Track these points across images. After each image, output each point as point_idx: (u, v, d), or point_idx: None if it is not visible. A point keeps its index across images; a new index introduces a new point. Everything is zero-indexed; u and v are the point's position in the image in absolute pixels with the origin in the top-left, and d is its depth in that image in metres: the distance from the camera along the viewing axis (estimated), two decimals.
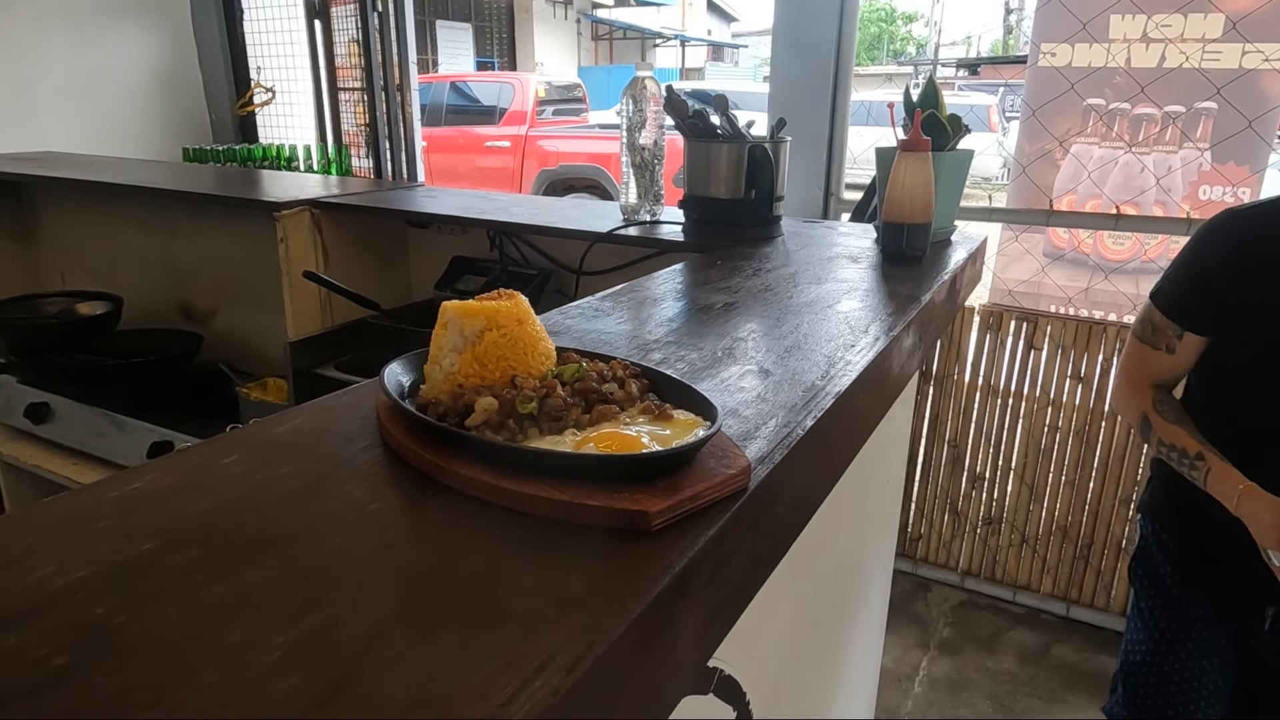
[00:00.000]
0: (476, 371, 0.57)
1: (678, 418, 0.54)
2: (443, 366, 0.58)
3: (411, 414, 0.52)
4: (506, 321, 0.58)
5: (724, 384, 0.66)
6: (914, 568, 3.01)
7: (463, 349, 0.57)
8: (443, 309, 0.59)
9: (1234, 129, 2.24)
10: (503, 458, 0.48)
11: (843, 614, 1.25)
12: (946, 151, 1.28)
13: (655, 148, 1.47)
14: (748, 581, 0.50)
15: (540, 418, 0.52)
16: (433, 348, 0.59)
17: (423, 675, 0.32)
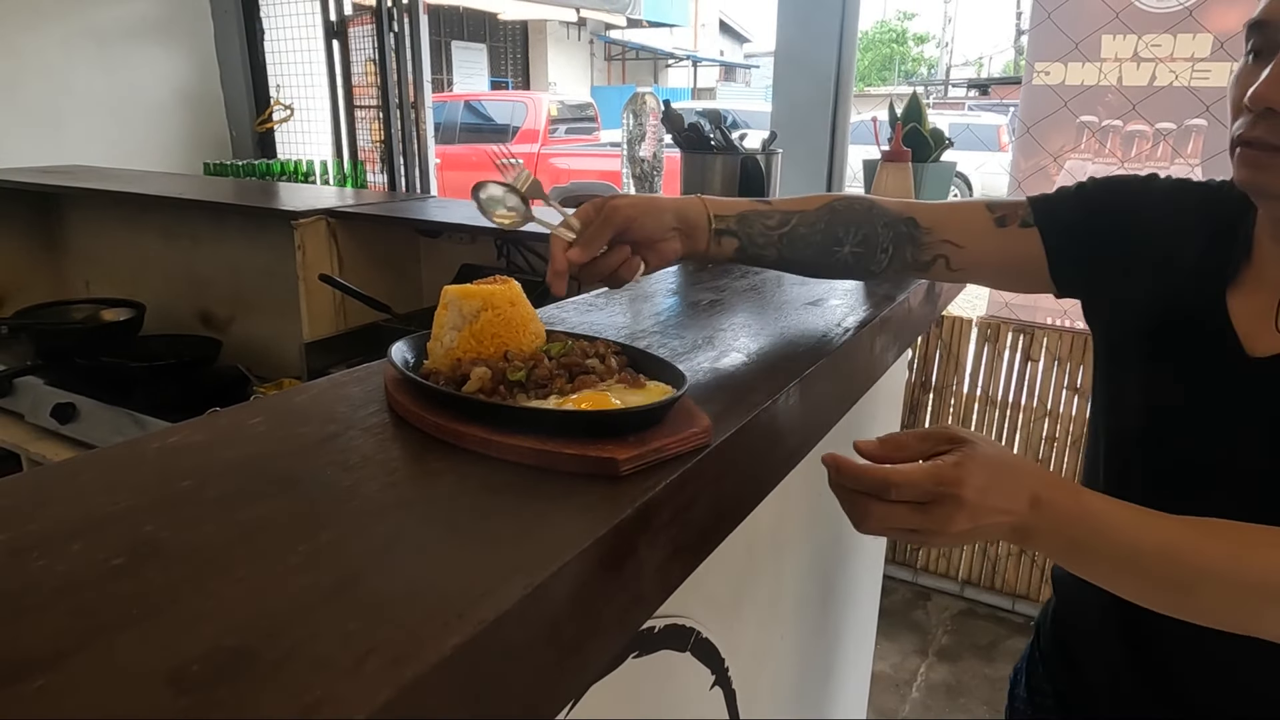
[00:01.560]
0: (473, 347, 0.63)
1: (650, 386, 0.60)
2: (443, 343, 0.64)
3: (415, 381, 0.59)
4: (500, 303, 0.65)
5: (699, 366, 0.72)
6: (914, 576, 3.05)
7: (461, 327, 0.64)
8: (444, 292, 0.66)
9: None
10: (492, 416, 0.54)
11: (826, 604, 1.31)
12: (929, 163, 1.35)
13: (654, 160, 1.54)
14: (709, 530, 0.56)
15: (528, 385, 0.59)
16: (435, 327, 0.66)
17: (419, 576, 0.39)
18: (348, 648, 0.33)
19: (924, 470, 0.56)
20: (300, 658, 0.32)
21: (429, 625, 0.34)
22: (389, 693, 0.30)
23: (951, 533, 0.56)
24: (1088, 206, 0.90)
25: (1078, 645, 0.98)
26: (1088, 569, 0.63)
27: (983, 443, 0.58)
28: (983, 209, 0.93)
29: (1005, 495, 0.57)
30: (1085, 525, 0.59)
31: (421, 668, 0.32)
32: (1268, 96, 0.65)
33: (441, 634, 0.34)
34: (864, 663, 1.70)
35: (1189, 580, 0.60)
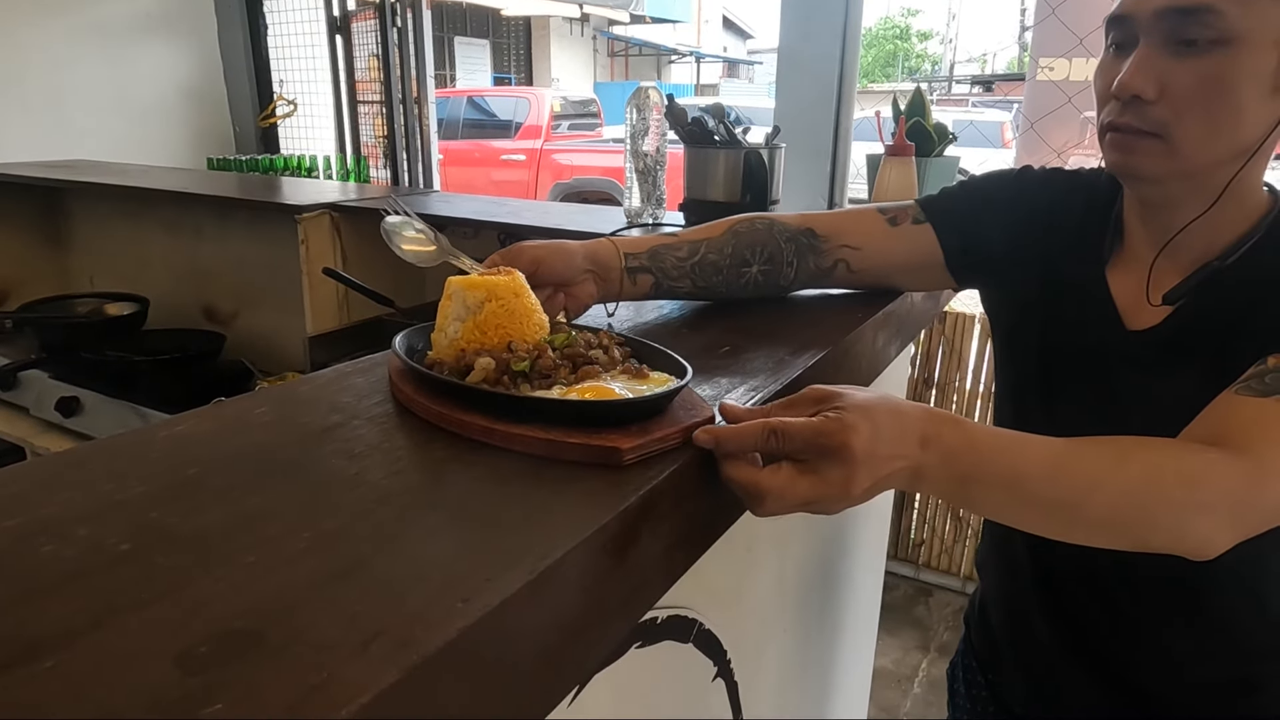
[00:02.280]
0: (477, 338, 0.63)
1: (654, 377, 0.60)
2: (447, 333, 0.65)
3: (419, 371, 0.59)
4: (504, 294, 0.65)
5: (699, 360, 0.73)
6: (916, 573, 3.06)
7: (465, 318, 0.64)
8: (448, 283, 0.66)
9: None
10: (496, 405, 0.55)
11: (828, 599, 1.31)
12: (932, 158, 1.35)
13: (657, 154, 1.55)
14: (711, 520, 0.56)
15: (532, 375, 0.59)
16: (439, 317, 0.66)
17: (424, 561, 0.39)
18: (353, 631, 0.33)
19: (806, 423, 0.53)
20: (306, 640, 0.33)
21: (435, 609, 0.35)
22: (394, 675, 0.31)
23: (853, 494, 0.53)
24: (973, 200, 0.95)
25: (1006, 630, 1.02)
26: (980, 502, 0.61)
27: (855, 392, 0.55)
28: (875, 213, 0.98)
29: (895, 440, 0.54)
30: (972, 456, 0.57)
31: (427, 651, 0.32)
32: (1132, 85, 0.71)
33: (447, 618, 0.34)
34: (865, 658, 1.70)
35: (1078, 495, 0.60)
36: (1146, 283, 0.80)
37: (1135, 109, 0.72)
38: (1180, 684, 0.89)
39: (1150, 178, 0.75)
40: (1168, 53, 0.70)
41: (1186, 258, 0.79)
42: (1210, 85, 0.69)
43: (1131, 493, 0.60)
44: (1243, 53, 0.68)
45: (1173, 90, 0.70)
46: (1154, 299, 0.80)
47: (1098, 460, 0.61)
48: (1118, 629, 0.90)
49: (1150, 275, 0.80)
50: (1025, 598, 0.97)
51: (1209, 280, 0.77)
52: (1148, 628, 0.88)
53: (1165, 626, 0.87)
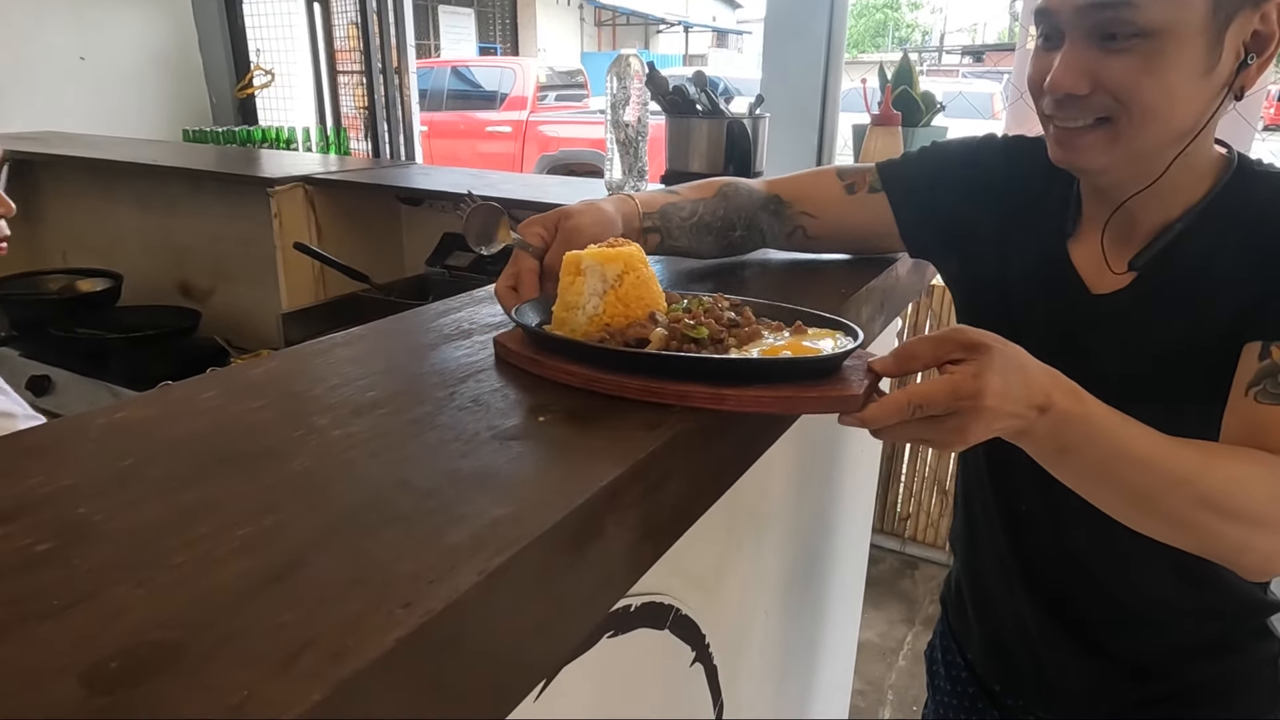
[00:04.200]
0: (621, 311, 0.62)
1: (811, 333, 0.63)
2: (586, 310, 0.63)
3: (613, 351, 0.58)
4: (638, 264, 0.64)
5: None
6: (902, 546, 3.06)
7: (604, 292, 0.63)
8: (574, 259, 0.64)
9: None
10: (716, 372, 0.55)
11: (812, 576, 1.30)
12: (919, 127, 1.31)
13: (639, 125, 1.50)
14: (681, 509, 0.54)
15: (707, 342, 0.59)
16: (569, 294, 0.64)
17: (365, 561, 0.37)
18: (281, 642, 0.31)
19: (943, 387, 0.54)
20: (229, 653, 0.30)
21: (371, 617, 0.32)
22: (322, 691, 0.28)
23: (967, 441, 0.56)
24: (931, 169, 0.95)
25: (983, 608, 1.03)
26: (1069, 469, 0.63)
27: (997, 347, 0.56)
28: (833, 177, 0.98)
29: (1018, 400, 0.56)
30: (1082, 429, 0.59)
31: (360, 663, 0.29)
32: (1063, 83, 0.71)
33: (384, 627, 0.31)
34: (850, 633, 1.70)
35: (1163, 489, 0.62)
36: (1102, 252, 0.82)
37: (1072, 104, 0.72)
38: (1161, 650, 0.90)
39: (1095, 169, 0.76)
40: (1095, 45, 0.70)
41: (1145, 226, 0.80)
42: (1138, 77, 0.69)
43: (1211, 500, 0.62)
44: (1168, 44, 0.67)
45: (1105, 82, 0.70)
46: (1116, 267, 0.81)
47: (1188, 461, 0.62)
48: (1098, 601, 0.91)
49: (1104, 246, 0.82)
50: (1004, 575, 0.97)
51: (1171, 243, 0.79)
52: (1130, 598, 0.89)
53: (1147, 596, 0.88)
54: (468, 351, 0.65)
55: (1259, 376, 0.70)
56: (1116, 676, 0.92)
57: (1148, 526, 0.66)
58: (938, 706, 1.13)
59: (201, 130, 3.33)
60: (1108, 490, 0.64)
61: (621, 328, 0.61)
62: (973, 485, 1.01)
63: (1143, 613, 0.90)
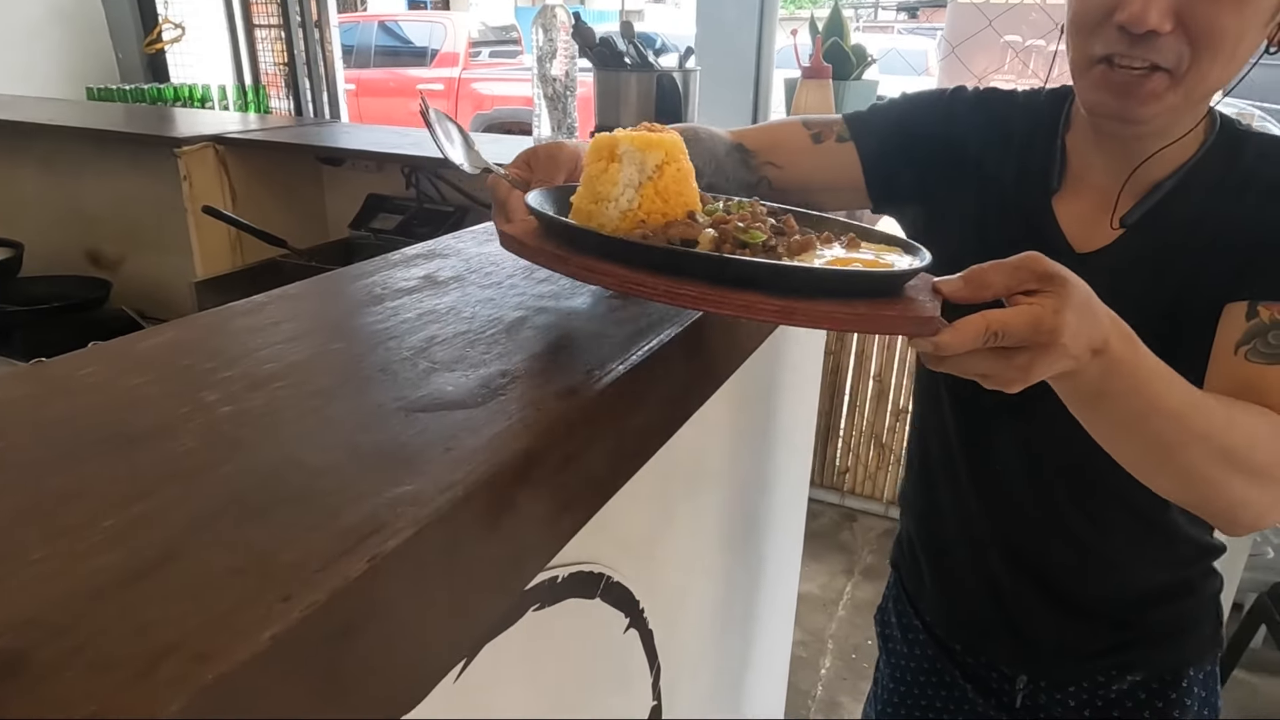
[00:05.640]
0: (659, 207, 0.55)
1: (866, 246, 0.57)
2: (619, 204, 0.55)
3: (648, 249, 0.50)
4: (680, 155, 0.56)
5: (601, 296, 0.67)
6: (841, 499, 3.12)
7: (640, 184, 0.55)
8: (606, 141, 0.56)
9: None
10: (805, 281, 0.49)
11: (751, 533, 1.30)
12: (851, 81, 1.30)
13: (567, 79, 1.46)
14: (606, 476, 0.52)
15: (757, 248, 0.53)
16: (599, 184, 0.56)
17: (245, 548, 0.34)
18: (142, 646, 0.28)
19: (1025, 318, 0.50)
20: (81, 661, 0.27)
21: (246, 612, 0.29)
22: (182, 699, 0.25)
23: (1029, 380, 0.52)
24: (901, 121, 0.92)
25: (943, 565, 1.03)
26: (1099, 417, 0.61)
27: (1073, 281, 0.53)
28: (799, 127, 0.94)
29: (1084, 341, 0.53)
30: (1130, 379, 0.57)
31: (227, 665, 0.27)
32: (1147, 19, 0.65)
33: (259, 623, 0.29)
34: (790, 586, 1.72)
35: (1185, 442, 0.61)
36: (1113, 210, 0.80)
37: (1145, 44, 0.67)
38: (1126, 598, 0.92)
39: (1146, 119, 0.71)
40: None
41: (1142, 182, 0.78)
42: (1225, 19, 0.65)
43: (1229, 455, 0.61)
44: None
45: (1189, 20, 0.66)
46: (1109, 225, 0.80)
47: (1215, 415, 0.61)
48: (1071, 555, 0.92)
49: (1116, 202, 0.80)
50: (969, 534, 0.97)
51: (1160, 201, 0.78)
52: (1103, 548, 0.90)
53: (1117, 546, 0.90)
54: (379, 318, 0.61)
55: (1248, 336, 0.70)
56: (1084, 628, 0.94)
57: (1158, 479, 0.65)
58: (894, 669, 1.13)
59: (108, 88, 3.13)
60: (1133, 440, 0.63)
61: (658, 226, 0.54)
62: (933, 447, 1.00)
63: (1112, 563, 0.91)
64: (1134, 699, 0.94)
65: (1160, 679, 0.93)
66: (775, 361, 1.24)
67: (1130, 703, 0.94)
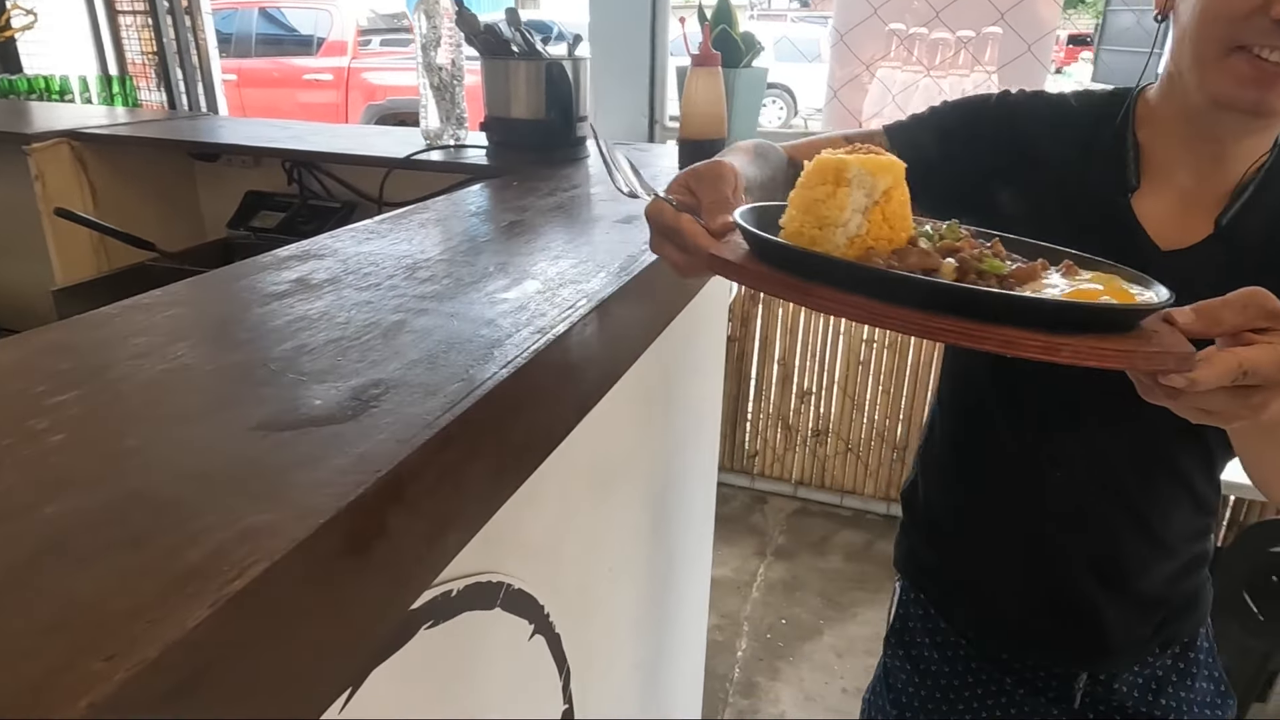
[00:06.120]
0: (885, 233, 0.53)
1: (1085, 275, 0.56)
2: (847, 229, 0.53)
3: (910, 281, 0.47)
4: (903, 180, 0.55)
5: (488, 295, 0.64)
6: (751, 482, 3.17)
7: (867, 209, 0.53)
8: (832, 165, 0.54)
9: (1017, 52, 2.40)
10: (1067, 316, 0.47)
11: (660, 526, 1.30)
12: (741, 68, 1.30)
13: (454, 67, 1.41)
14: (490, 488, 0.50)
15: (998, 278, 0.51)
16: (826, 208, 0.54)
17: (70, 602, 0.30)
18: None
19: (1272, 358, 0.49)
20: None
21: (62, 678, 0.26)
22: None
23: (1259, 417, 0.52)
24: (944, 128, 0.91)
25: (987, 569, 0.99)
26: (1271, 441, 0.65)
27: None
28: (839, 141, 0.92)
29: None
30: None
31: None
32: None
33: (77, 688, 0.25)
34: (703, 574, 1.73)
35: None
36: (1205, 208, 0.80)
37: None
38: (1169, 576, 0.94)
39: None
40: None
41: (1228, 181, 0.79)
42: None
43: None
44: None
45: None
46: (1195, 222, 0.80)
47: None
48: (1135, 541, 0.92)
49: (1201, 201, 0.81)
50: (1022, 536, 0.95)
51: (1251, 196, 0.79)
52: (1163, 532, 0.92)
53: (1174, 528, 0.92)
54: (243, 327, 0.57)
55: None
56: (1142, 613, 0.95)
57: None
58: (923, 677, 1.06)
59: None
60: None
61: (884, 252, 0.53)
62: (985, 468, 0.97)
63: (1170, 547, 0.93)
64: (1164, 667, 0.98)
65: (1183, 643, 0.98)
66: (675, 353, 1.23)
67: (1161, 671, 0.98)
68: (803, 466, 3.10)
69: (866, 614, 2.53)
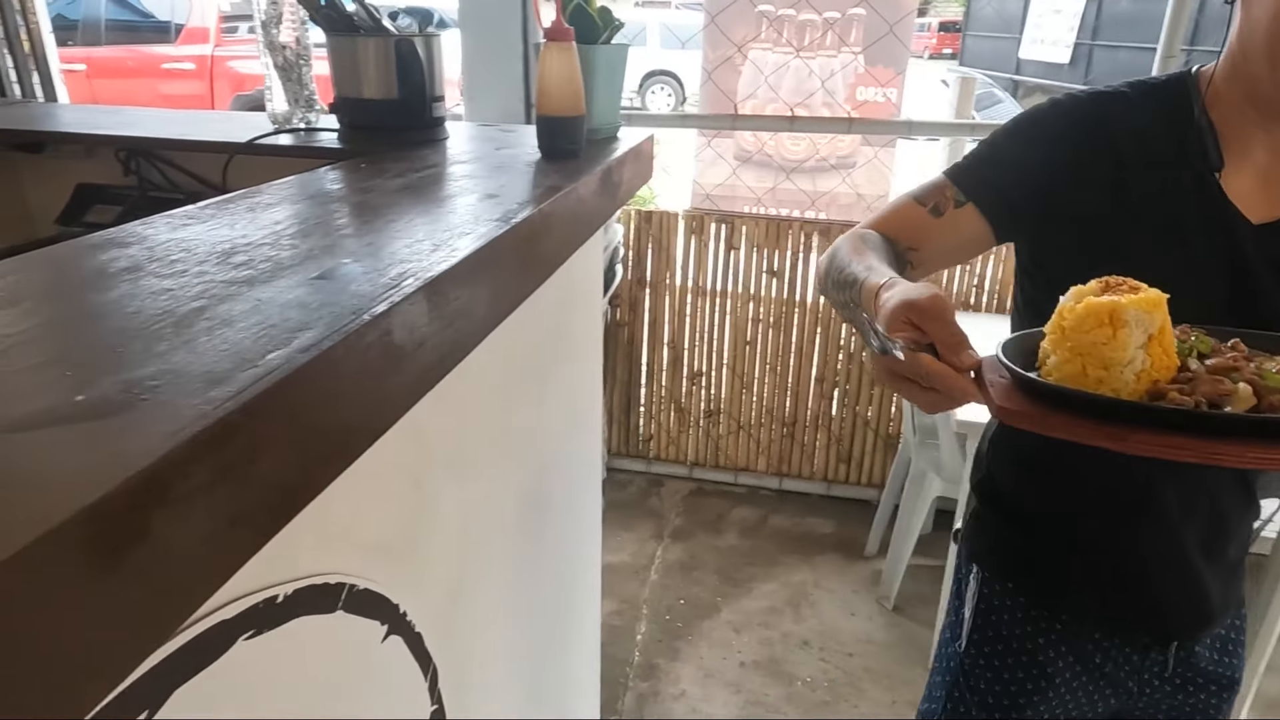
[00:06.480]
0: (1165, 362, 0.59)
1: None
2: (1133, 366, 0.59)
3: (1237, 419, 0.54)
4: (1163, 303, 0.61)
5: (306, 278, 0.60)
6: (648, 466, 3.18)
7: (1146, 344, 0.59)
8: (1107, 309, 0.59)
9: (880, 33, 2.47)
10: None
11: (540, 518, 1.27)
12: (599, 45, 1.27)
13: (298, 46, 1.33)
14: (295, 485, 0.46)
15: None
16: (1109, 351, 0.59)
17: None
18: None
19: None
20: None
21: None
22: None
23: None
24: (1009, 157, 0.93)
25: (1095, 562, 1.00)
26: None
27: None
28: (914, 205, 0.95)
29: None
30: None
31: None
32: None
33: None
34: (592, 560, 1.72)
35: None
36: (1273, 183, 0.86)
37: None
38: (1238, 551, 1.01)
39: None
40: None
41: None
42: None
43: None
44: None
45: None
46: (1278, 196, 0.86)
47: None
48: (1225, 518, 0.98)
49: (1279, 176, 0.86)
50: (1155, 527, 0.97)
51: None
52: (1244, 507, 0.99)
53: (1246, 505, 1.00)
54: (7, 324, 0.51)
55: None
56: (1229, 575, 1.01)
57: None
58: (1014, 675, 1.04)
59: None
60: None
61: (1166, 380, 0.59)
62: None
63: (1243, 518, 1.00)
64: (1228, 626, 1.04)
65: (1240, 600, 1.05)
66: (545, 337, 1.20)
67: (1224, 630, 1.04)
68: (697, 447, 3.13)
69: (762, 587, 2.58)
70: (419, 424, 0.77)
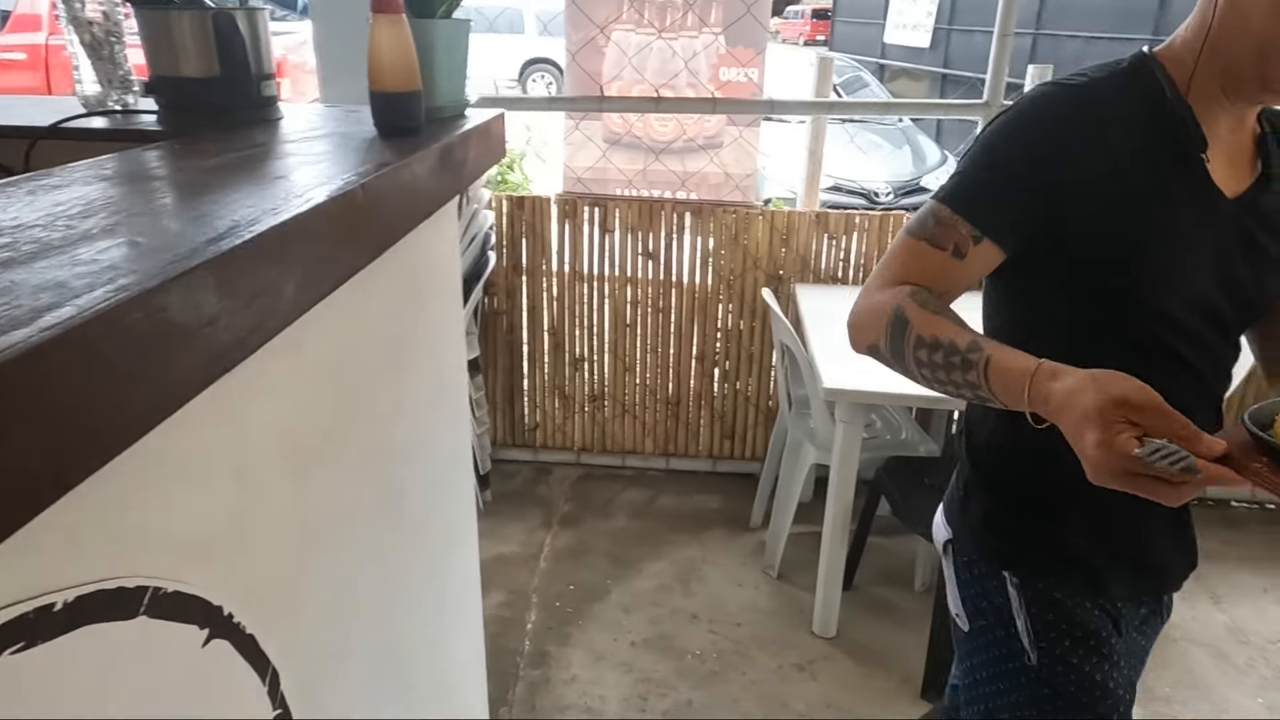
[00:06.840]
0: None
1: None
2: None
3: None
4: None
5: (74, 259, 0.55)
6: (535, 455, 3.15)
7: None
8: None
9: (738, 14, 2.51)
10: None
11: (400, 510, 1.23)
12: (438, 19, 1.23)
13: (108, 22, 1.23)
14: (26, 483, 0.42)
15: None
16: None
17: None
18: None
19: None
20: None
21: None
22: None
23: None
24: (1008, 187, 0.97)
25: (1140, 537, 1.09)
26: None
27: None
28: (931, 252, 0.99)
29: None
30: None
31: None
32: None
33: None
34: (469, 551, 1.68)
35: None
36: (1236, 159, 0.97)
37: None
38: None
39: None
40: None
41: (1247, 133, 0.98)
42: None
43: None
44: None
45: None
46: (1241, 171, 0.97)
47: None
48: None
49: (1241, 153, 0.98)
50: None
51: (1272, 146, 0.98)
52: None
53: None
54: None
55: None
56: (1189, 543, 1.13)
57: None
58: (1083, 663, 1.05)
59: None
60: None
61: None
62: None
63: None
64: None
65: None
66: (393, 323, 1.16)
67: None
68: (583, 433, 3.13)
69: (651, 567, 2.61)
70: (236, 410, 0.72)
